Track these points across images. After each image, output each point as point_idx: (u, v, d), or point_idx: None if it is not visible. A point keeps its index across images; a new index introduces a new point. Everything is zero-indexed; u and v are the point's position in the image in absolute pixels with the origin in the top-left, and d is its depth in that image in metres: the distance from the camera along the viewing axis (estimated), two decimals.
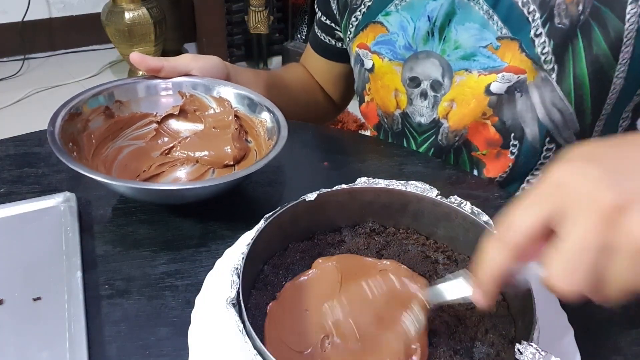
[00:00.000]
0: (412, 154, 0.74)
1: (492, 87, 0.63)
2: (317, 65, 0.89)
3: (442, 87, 0.68)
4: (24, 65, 2.44)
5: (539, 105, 0.63)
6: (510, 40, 0.61)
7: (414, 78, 0.69)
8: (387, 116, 0.77)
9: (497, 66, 0.62)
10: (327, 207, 0.47)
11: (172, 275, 0.51)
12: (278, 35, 2.63)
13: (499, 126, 0.67)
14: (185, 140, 0.65)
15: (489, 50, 0.62)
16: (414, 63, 0.69)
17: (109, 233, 0.56)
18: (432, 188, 0.47)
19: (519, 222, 0.31)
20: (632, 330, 0.46)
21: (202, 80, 0.65)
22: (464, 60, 0.65)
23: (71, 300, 0.47)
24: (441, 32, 0.65)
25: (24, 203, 0.57)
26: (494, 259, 0.32)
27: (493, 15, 0.61)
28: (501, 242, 0.31)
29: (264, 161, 0.53)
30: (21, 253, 0.52)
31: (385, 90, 0.74)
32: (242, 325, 0.35)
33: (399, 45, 0.69)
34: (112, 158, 0.61)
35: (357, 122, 2.16)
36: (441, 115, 0.70)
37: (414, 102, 0.71)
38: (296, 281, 0.44)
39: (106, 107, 0.62)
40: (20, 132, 0.70)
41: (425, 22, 0.66)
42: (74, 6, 2.55)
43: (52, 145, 0.52)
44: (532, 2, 0.59)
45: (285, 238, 0.47)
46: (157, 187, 0.54)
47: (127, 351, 0.44)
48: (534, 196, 0.31)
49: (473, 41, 0.63)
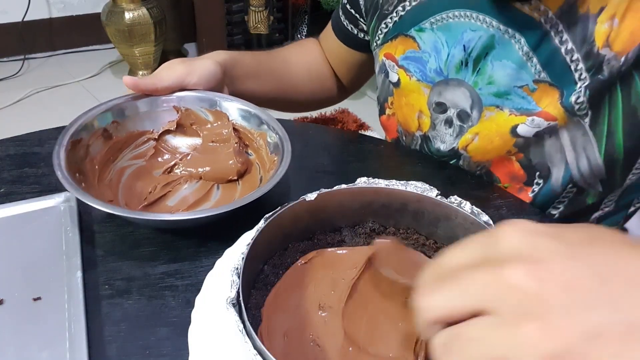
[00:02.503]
0: (412, 154, 0.74)
1: (519, 129, 0.61)
2: (334, 47, 0.84)
3: (469, 118, 0.65)
4: (24, 65, 2.44)
5: (568, 146, 0.60)
6: (549, 86, 0.58)
7: (440, 104, 0.67)
8: (406, 134, 0.74)
9: (531, 109, 0.60)
10: (327, 207, 0.47)
11: (172, 275, 0.51)
12: (278, 35, 2.63)
13: (524, 163, 0.64)
14: (186, 157, 0.65)
15: (524, 92, 0.60)
16: (443, 88, 0.66)
17: (109, 233, 0.56)
18: (432, 188, 0.47)
19: (442, 298, 0.27)
20: None
21: (197, 93, 0.65)
22: (496, 97, 0.62)
23: (71, 300, 0.47)
24: (476, 63, 0.62)
25: (24, 203, 0.57)
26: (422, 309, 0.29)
27: (532, 57, 0.58)
28: (423, 314, 0.28)
29: (276, 179, 0.53)
30: (21, 253, 0.52)
31: (409, 109, 0.71)
32: (242, 325, 0.35)
33: (430, 68, 0.66)
34: (116, 181, 0.60)
35: (357, 122, 2.16)
36: (461, 146, 0.68)
37: (437, 127, 0.69)
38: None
39: (104, 129, 0.61)
40: (20, 132, 0.70)
41: (461, 50, 0.63)
42: (74, 6, 2.55)
43: (63, 180, 0.51)
44: (577, 50, 0.55)
45: (285, 238, 0.47)
46: (176, 218, 0.53)
47: (127, 351, 0.44)
48: (472, 271, 0.27)
49: (508, 80, 0.60)
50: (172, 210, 0.59)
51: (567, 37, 0.56)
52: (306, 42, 0.90)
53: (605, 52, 0.54)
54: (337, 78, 0.89)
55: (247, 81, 0.72)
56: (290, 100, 0.82)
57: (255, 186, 0.61)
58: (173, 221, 0.54)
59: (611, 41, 0.53)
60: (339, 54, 0.85)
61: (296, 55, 0.85)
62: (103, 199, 0.53)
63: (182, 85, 0.64)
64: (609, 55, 0.54)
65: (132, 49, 2.22)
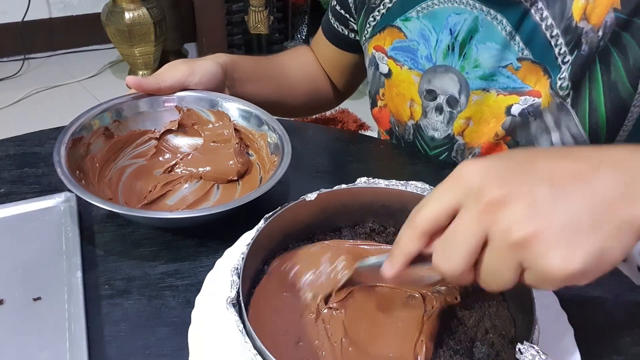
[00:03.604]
0: (412, 154, 0.74)
1: (513, 109, 0.62)
2: (326, 51, 0.86)
3: (458, 104, 0.66)
4: (24, 65, 2.44)
5: (553, 127, 0.61)
6: (532, 63, 0.59)
7: (431, 91, 0.68)
8: (399, 125, 0.75)
9: (518, 88, 0.61)
10: (327, 207, 0.47)
11: (172, 275, 0.51)
12: (278, 35, 2.63)
13: (511, 144, 0.65)
14: (187, 156, 0.65)
15: (508, 71, 0.61)
16: (432, 76, 0.67)
17: (109, 233, 0.56)
18: (432, 188, 0.47)
19: (426, 211, 0.34)
20: (632, 330, 0.46)
21: (199, 93, 0.65)
22: (482, 80, 0.63)
23: (71, 300, 0.47)
24: (462, 48, 0.63)
25: (24, 203, 0.57)
26: (405, 242, 0.35)
27: (515, 36, 0.59)
28: (411, 228, 0.35)
29: (275, 179, 0.53)
30: (21, 253, 0.52)
31: (400, 99, 0.72)
32: (242, 325, 0.35)
33: (421, 55, 0.67)
34: (116, 180, 0.60)
35: (357, 122, 2.16)
36: (456, 132, 0.68)
37: (428, 115, 0.70)
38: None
39: (105, 127, 0.61)
40: (20, 132, 0.71)
41: (447, 35, 0.64)
42: (74, 6, 2.55)
43: (63, 177, 0.51)
44: (556, 26, 0.57)
45: (285, 238, 0.47)
46: (174, 216, 0.53)
47: (127, 351, 0.44)
48: (441, 189, 0.34)
49: (493, 61, 0.61)
50: (172, 209, 0.59)
51: (547, 14, 0.57)
52: (299, 49, 0.91)
53: (583, 25, 0.55)
54: (331, 82, 0.90)
55: (246, 84, 0.72)
56: (287, 105, 0.83)
57: (255, 187, 0.60)
58: (171, 219, 0.54)
59: (588, 14, 0.55)
60: (332, 57, 0.86)
61: (292, 61, 0.86)
62: (103, 197, 0.53)
63: (185, 85, 0.64)
64: (587, 28, 0.55)
65: (132, 49, 2.22)
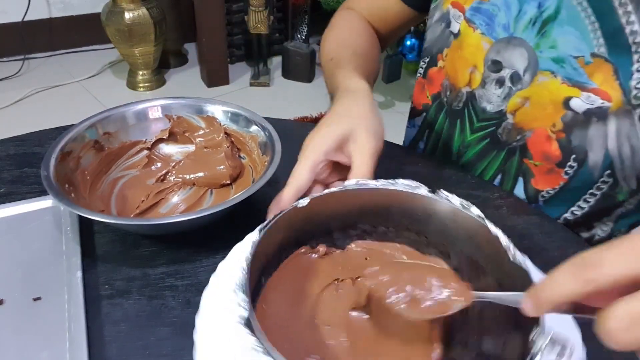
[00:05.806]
0: (412, 154, 0.74)
1: (572, 103, 0.59)
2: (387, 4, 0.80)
3: (520, 81, 0.63)
4: (24, 65, 2.44)
5: (612, 135, 0.59)
6: (604, 61, 0.56)
7: (496, 62, 0.65)
8: (452, 89, 0.72)
9: (583, 83, 0.58)
10: (319, 212, 0.46)
11: (172, 275, 0.51)
12: (278, 35, 2.63)
13: (563, 143, 0.63)
14: (179, 164, 0.65)
15: (578, 63, 0.58)
16: (503, 47, 0.64)
17: (109, 233, 0.56)
18: (420, 185, 0.47)
19: (610, 263, 0.29)
20: None
21: (187, 100, 0.65)
22: (554, 62, 0.60)
23: (71, 300, 0.47)
24: (543, 25, 0.60)
25: (24, 203, 0.57)
26: (565, 284, 0.30)
27: (597, 30, 0.56)
28: (581, 274, 0.29)
29: (265, 179, 0.53)
30: (21, 253, 0.52)
31: (462, 63, 0.69)
32: (257, 342, 0.33)
33: (499, 23, 0.64)
34: (108, 192, 0.60)
35: None
36: (509, 109, 0.66)
37: (487, 85, 0.67)
38: None
39: (95, 141, 0.60)
40: (20, 132, 0.71)
41: (534, 7, 0.60)
42: (74, 6, 2.55)
43: (49, 190, 0.50)
44: None
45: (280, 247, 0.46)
46: (160, 222, 0.52)
47: (127, 351, 0.44)
48: (619, 251, 0.29)
49: (568, 48, 0.58)
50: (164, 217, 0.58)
51: (634, 19, 0.54)
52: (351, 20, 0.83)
53: None
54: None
55: None
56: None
57: None
58: (159, 225, 0.52)
59: None
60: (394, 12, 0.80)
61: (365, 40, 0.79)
62: (94, 210, 0.52)
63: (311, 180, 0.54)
64: None
65: (132, 49, 2.22)
